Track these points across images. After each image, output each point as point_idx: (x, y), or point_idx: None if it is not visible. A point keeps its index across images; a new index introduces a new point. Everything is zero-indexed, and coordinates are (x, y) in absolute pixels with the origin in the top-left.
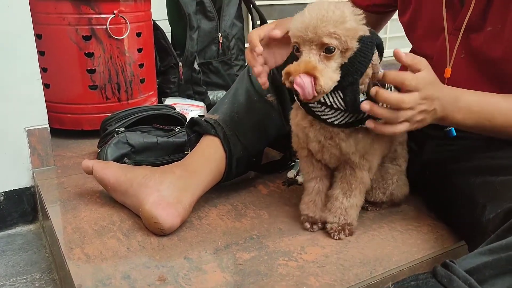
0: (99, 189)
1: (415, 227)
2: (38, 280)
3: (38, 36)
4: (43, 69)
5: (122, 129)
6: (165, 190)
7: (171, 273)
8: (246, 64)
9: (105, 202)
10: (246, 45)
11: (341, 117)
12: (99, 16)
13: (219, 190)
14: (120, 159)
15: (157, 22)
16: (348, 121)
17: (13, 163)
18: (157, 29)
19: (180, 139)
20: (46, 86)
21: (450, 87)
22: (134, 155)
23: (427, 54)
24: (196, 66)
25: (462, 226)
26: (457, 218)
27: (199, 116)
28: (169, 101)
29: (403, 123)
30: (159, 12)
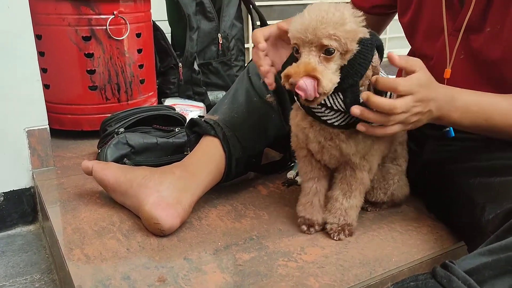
0: (99, 190)
1: (414, 227)
2: (38, 281)
3: (38, 37)
4: (43, 70)
5: (122, 129)
6: (165, 190)
7: (170, 274)
8: (245, 65)
9: (105, 203)
10: (246, 45)
11: (341, 118)
12: (99, 17)
13: (218, 190)
14: (120, 159)
15: (157, 22)
16: (349, 122)
17: (13, 164)
18: (157, 29)
19: (179, 139)
20: (46, 86)
21: (446, 86)
22: (134, 156)
23: (427, 54)
24: (196, 66)
25: (462, 227)
26: (456, 218)
27: (199, 116)
28: (169, 101)
29: (396, 125)
30: (159, 12)
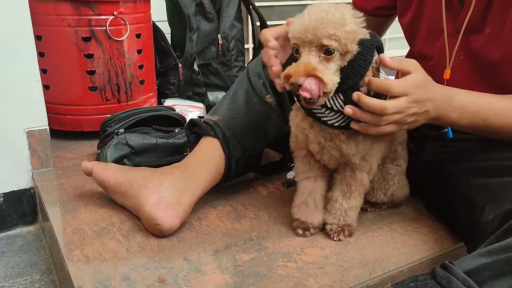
0: (99, 191)
1: (414, 228)
2: (38, 282)
3: (38, 38)
4: (43, 70)
5: (122, 130)
6: (165, 191)
7: (170, 274)
8: (245, 65)
9: (105, 204)
10: (246, 46)
11: (342, 119)
12: (98, 18)
13: (218, 191)
14: (119, 160)
15: (156, 23)
16: (349, 123)
17: (12, 164)
18: (156, 30)
19: (179, 140)
20: (45, 87)
21: (443, 86)
22: (133, 156)
23: (427, 55)
24: (195, 67)
25: (461, 227)
26: (456, 219)
27: (199, 117)
28: (168, 102)
29: (390, 124)
30: (158, 13)
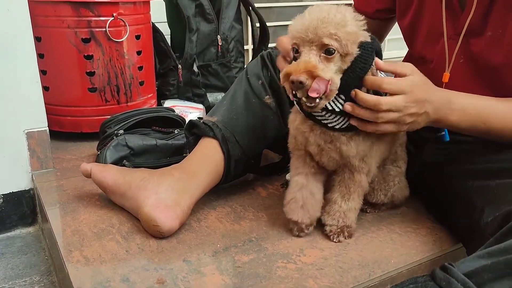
0: (98, 192)
1: (413, 229)
2: (37, 283)
3: (38, 39)
4: (43, 72)
5: (121, 131)
6: (164, 192)
7: (170, 276)
8: (245, 66)
9: (104, 205)
10: (245, 47)
11: (342, 121)
12: (98, 19)
13: (218, 192)
14: (119, 161)
15: (156, 24)
16: (349, 125)
17: (12, 166)
18: (156, 31)
19: (179, 141)
20: (45, 88)
21: (443, 89)
22: (133, 158)
23: (427, 58)
24: (195, 68)
25: (461, 229)
26: (455, 220)
27: (198, 118)
28: (168, 103)
29: (389, 124)
30: (158, 14)
